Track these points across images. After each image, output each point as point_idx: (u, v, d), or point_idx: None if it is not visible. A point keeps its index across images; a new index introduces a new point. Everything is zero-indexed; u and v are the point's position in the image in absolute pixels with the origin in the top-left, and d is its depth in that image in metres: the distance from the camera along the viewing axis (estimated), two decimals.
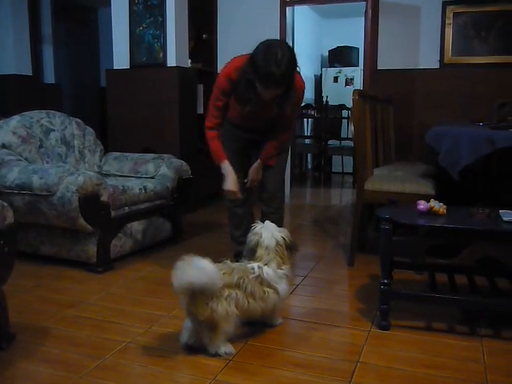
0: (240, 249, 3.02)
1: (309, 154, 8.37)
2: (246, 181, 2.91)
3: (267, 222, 2.33)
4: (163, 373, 1.95)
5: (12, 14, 5.44)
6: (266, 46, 2.41)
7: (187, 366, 2.00)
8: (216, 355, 2.05)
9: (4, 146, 3.33)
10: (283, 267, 2.24)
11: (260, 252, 2.22)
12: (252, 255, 2.24)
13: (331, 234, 4.19)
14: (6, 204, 2.09)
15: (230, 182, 2.79)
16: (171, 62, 4.72)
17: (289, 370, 1.97)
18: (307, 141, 8.02)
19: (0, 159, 3.23)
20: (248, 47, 2.48)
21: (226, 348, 2.07)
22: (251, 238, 2.28)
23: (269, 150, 2.86)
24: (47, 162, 3.52)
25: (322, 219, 4.80)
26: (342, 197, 6.61)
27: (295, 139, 7.06)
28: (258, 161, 2.89)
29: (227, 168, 2.80)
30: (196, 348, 2.08)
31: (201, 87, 5.17)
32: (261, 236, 2.25)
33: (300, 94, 2.73)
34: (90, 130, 4.02)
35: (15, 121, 3.49)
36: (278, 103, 2.57)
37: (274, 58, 2.35)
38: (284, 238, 2.26)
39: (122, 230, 3.31)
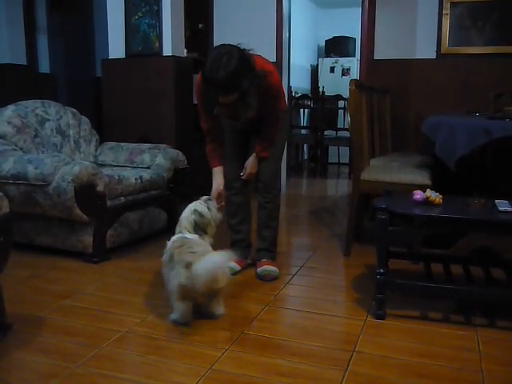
0: (237, 237, 3.02)
1: (305, 145, 8.36)
2: (242, 174, 2.90)
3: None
4: (160, 362, 1.96)
5: (6, 3, 5.39)
6: (215, 51, 2.38)
7: (184, 356, 2.01)
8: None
9: None
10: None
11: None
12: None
13: (327, 225, 4.20)
14: (1, 194, 2.08)
15: (215, 189, 2.82)
16: (167, 51, 4.69)
17: (285, 359, 1.98)
18: (303, 131, 8.00)
19: None
20: (244, 37, 2.46)
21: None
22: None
23: (260, 144, 2.86)
24: (42, 152, 3.50)
25: (318, 210, 4.81)
26: (338, 187, 6.61)
27: (291, 130, 7.04)
28: (254, 154, 2.89)
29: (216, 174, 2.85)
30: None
31: (196, 77, 5.13)
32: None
33: (274, 93, 2.69)
34: (85, 119, 4.00)
35: (10, 110, 3.47)
36: (241, 110, 2.48)
37: (218, 63, 2.31)
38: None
39: (118, 220, 3.30)
